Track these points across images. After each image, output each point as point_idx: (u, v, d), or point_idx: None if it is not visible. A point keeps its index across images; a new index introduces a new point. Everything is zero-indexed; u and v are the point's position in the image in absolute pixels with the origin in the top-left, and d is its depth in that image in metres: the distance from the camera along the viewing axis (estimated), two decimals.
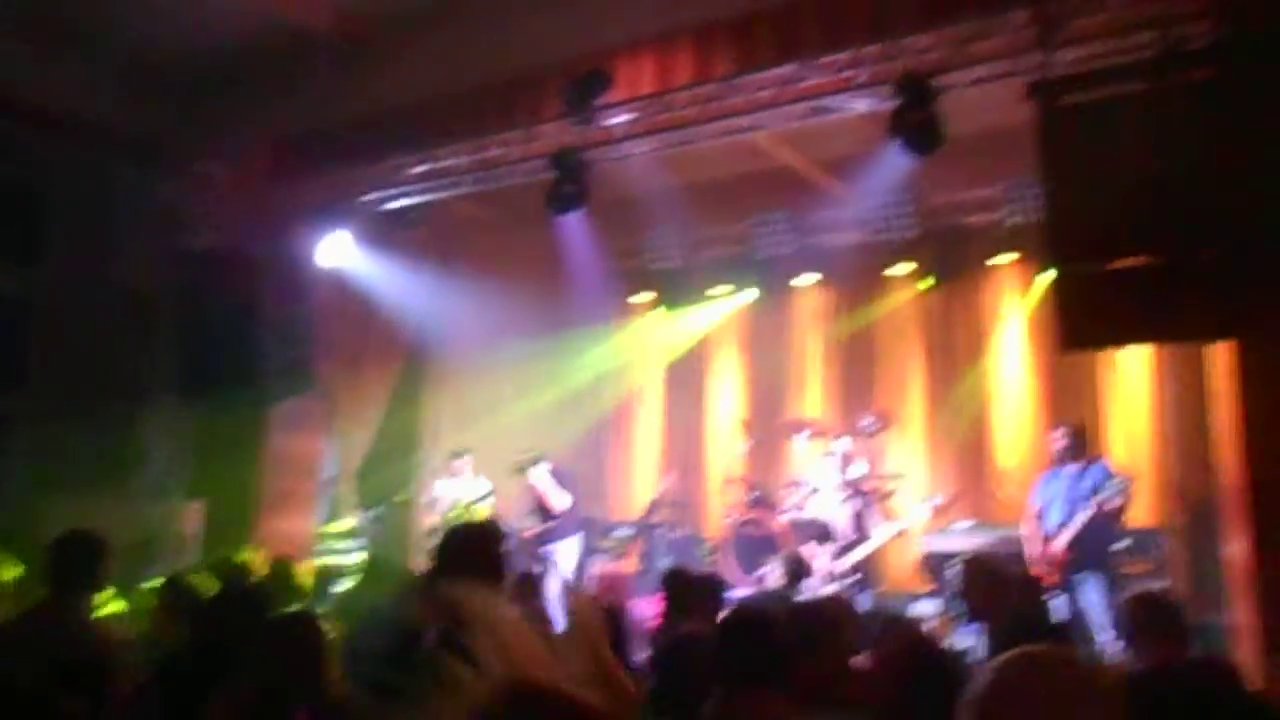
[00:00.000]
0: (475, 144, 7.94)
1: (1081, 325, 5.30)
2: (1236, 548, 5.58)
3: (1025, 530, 7.19)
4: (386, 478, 10.00)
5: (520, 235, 9.96)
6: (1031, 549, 7.02)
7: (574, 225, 8.75)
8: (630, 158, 7.77)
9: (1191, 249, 4.93)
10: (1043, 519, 7.06)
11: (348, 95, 8.14)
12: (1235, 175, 4.77)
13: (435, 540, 8.84)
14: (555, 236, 9.10)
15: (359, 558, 9.09)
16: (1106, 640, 6.54)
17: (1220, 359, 5.75)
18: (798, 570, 6.44)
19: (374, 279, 9.14)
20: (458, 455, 9.57)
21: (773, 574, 6.97)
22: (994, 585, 4.48)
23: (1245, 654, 5.03)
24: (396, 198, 8.69)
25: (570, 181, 7.53)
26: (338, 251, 8.80)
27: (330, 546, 9.27)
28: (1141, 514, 7.56)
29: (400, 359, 10.21)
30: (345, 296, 9.24)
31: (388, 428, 10.16)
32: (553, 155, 7.53)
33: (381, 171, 8.45)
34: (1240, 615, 5.15)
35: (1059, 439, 7.23)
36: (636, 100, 7.13)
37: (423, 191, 8.58)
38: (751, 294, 10.48)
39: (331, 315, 9.27)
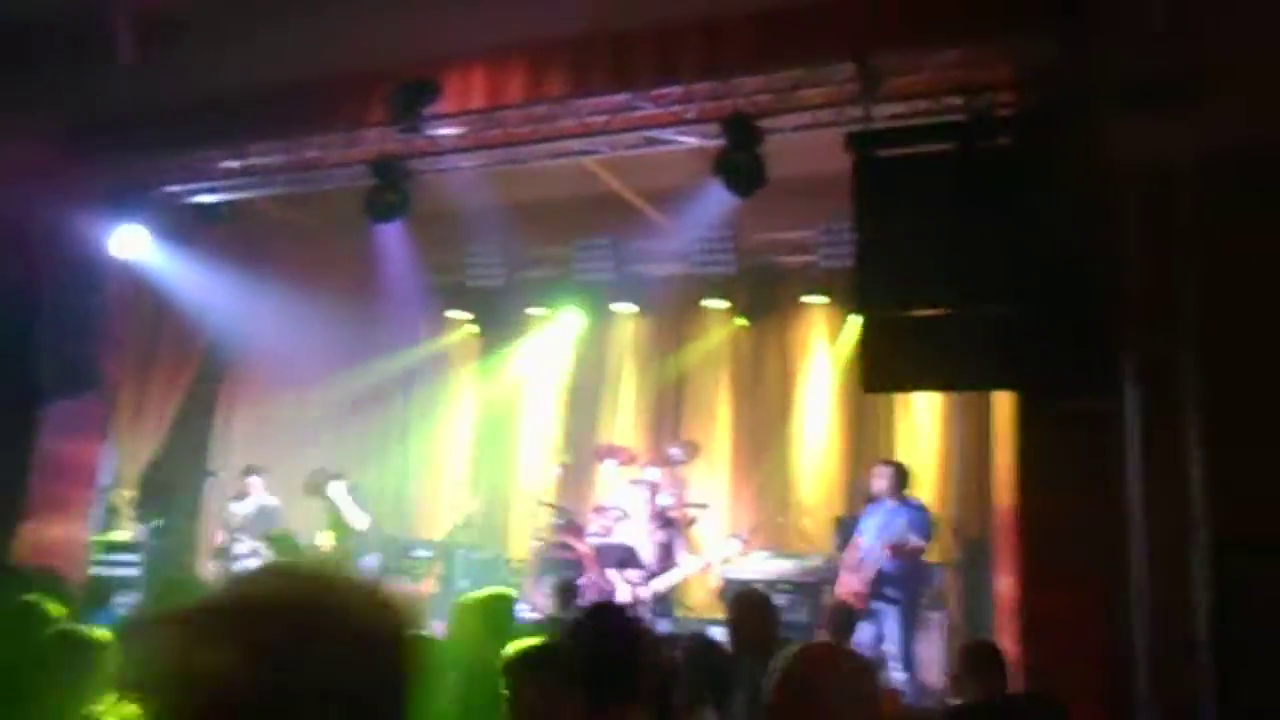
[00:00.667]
0: (292, 143, 7.66)
1: (882, 368, 5.53)
2: (1005, 583, 5.98)
3: (845, 559, 7.49)
4: (171, 490, 9.47)
5: (334, 243, 9.65)
6: (846, 577, 7.33)
7: (392, 236, 8.55)
8: (455, 170, 7.66)
9: (983, 303, 5.26)
10: (860, 550, 7.37)
11: (154, 79, 7.62)
12: (1025, 238, 5.12)
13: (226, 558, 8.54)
14: (371, 247, 8.85)
15: (138, 572, 8.54)
16: (894, 668, 6.86)
17: (1002, 408, 6.17)
18: (568, 594, 6.47)
19: (171, 276, 8.61)
20: (252, 472, 9.16)
21: (544, 598, 6.99)
22: (763, 619, 4.61)
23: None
24: (201, 192, 8.29)
25: (391, 190, 7.36)
26: (133, 244, 8.25)
27: (105, 558, 8.69)
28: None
29: (194, 364, 9.66)
30: (138, 293, 8.74)
31: (176, 436, 9.60)
32: (374, 162, 7.34)
33: (186, 163, 8.05)
34: (1006, 644, 5.47)
35: (879, 477, 7.54)
36: (466, 113, 7.06)
37: (231, 188, 8.23)
38: (571, 319, 10.49)
39: (122, 311, 8.73)
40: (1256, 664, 4.12)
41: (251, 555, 8.75)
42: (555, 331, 10.73)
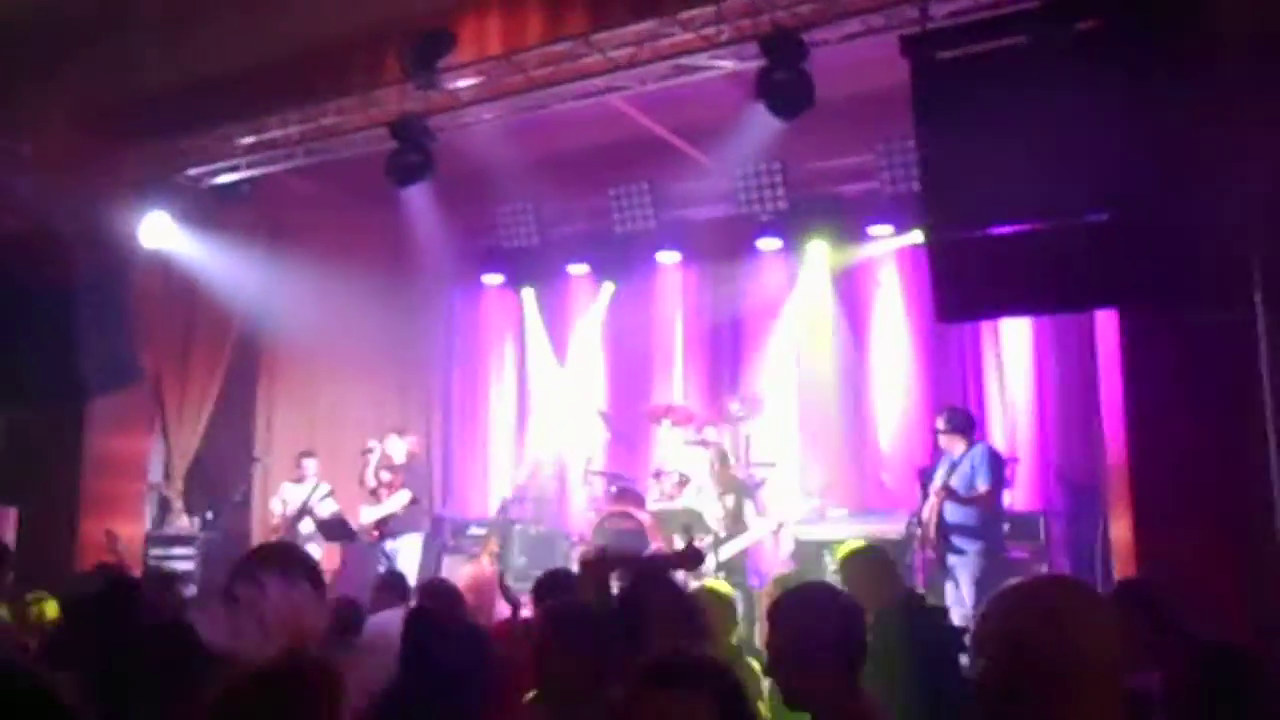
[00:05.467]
0: (308, 111, 7.56)
1: (960, 295, 5.11)
2: (1120, 526, 5.41)
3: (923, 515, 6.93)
4: (220, 479, 9.47)
5: (360, 212, 9.50)
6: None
7: (418, 200, 8.43)
8: (478, 124, 7.45)
9: (1075, 214, 4.69)
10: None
11: (165, 61, 7.61)
12: (1121, 135, 4.51)
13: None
14: (398, 214, 8.68)
15: (193, 565, 8.56)
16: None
17: (1104, 330, 5.55)
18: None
19: (200, 261, 8.60)
20: (305, 456, 9.06)
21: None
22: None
23: None
24: (222, 171, 8.26)
25: (413, 151, 7.22)
26: (159, 231, 8.20)
27: (162, 552, 8.75)
28: (1022, 497, 7.35)
29: (230, 349, 9.55)
30: (169, 281, 8.80)
31: (219, 424, 9.57)
32: (393, 122, 7.06)
33: (205, 143, 7.95)
34: None
35: (940, 424, 7.05)
36: (483, 61, 6.85)
37: (251, 165, 8.10)
38: (610, 277, 9.98)
39: (154, 302, 8.79)
40: None
41: (313, 537, 8.68)
42: (597, 287, 10.19)
